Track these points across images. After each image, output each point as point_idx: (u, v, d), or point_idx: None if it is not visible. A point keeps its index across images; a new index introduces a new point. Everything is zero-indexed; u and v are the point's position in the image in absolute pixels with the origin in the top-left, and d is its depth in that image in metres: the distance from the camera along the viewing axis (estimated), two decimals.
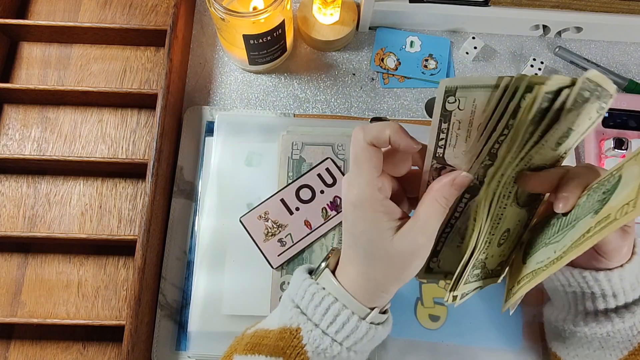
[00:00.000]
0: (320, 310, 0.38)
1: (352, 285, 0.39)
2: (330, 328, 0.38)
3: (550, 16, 0.61)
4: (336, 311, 0.38)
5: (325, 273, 0.40)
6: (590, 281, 0.42)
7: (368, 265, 0.38)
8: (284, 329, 0.39)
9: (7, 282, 0.56)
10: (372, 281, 0.38)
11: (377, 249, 0.37)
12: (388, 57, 0.64)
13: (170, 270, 0.55)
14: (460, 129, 0.37)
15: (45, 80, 0.63)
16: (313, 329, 0.38)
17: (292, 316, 0.39)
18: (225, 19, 0.53)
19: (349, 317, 0.38)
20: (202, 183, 0.57)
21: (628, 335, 0.42)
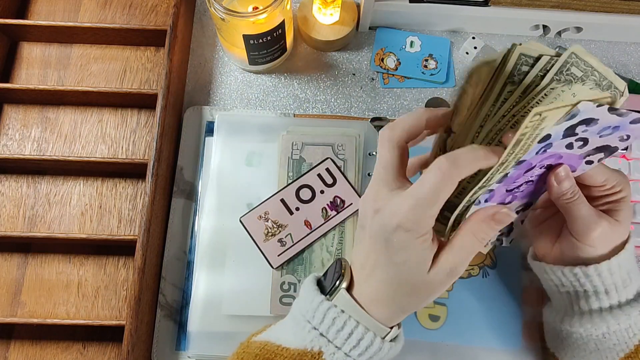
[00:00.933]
0: (343, 335, 0.37)
1: (371, 304, 0.38)
2: (354, 351, 0.37)
3: (550, 16, 0.61)
4: (359, 335, 0.37)
5: (343, 294, 0.39)
6: (581, 277, 0.42)
7: (398, 292, 0.38)
8: (305, 352, 0.38)
9: (7, 282, 0.56)
10: (397, 305, 0.38)
11: (415, 278, 0.37)
12: (388, 57, 0.64)
13: (170, 270, 0.55)
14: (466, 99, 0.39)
15: (45, 80, 0.63)
16: (335, 351, 0.37)
17: (313, 339, 0.38)
18: (225, 19, 0.53)
19: (372, 340, 0.37)
20: (202, 183, 0.57)
21: (624, 337, 0.42)
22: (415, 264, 0.36)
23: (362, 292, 0.39)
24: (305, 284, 0.41)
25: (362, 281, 0.39)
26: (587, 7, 0.60)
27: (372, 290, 0.38)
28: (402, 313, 0.39)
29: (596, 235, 0.41)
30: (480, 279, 0.54)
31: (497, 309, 0.53)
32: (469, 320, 0.53)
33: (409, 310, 0.39)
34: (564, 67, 0.37)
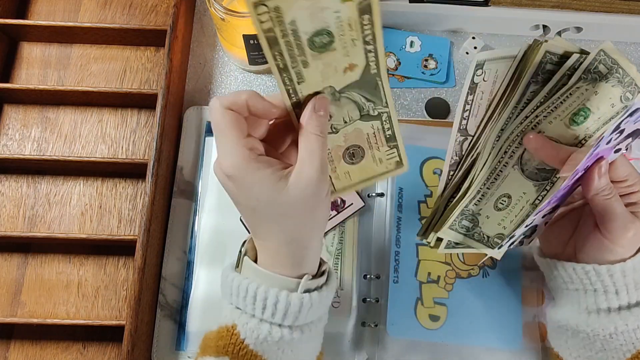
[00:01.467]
0: (249, 299, 0.37)
1: (274, 261, 0.37)
2: (265, 313, 0.37)
3: (550, 16, 0.61)
4: (263, 294, 0.36)
5: (245, 261, 0.39)
6: (592, 276, 0.42)
7: (279, 227, 0.36)
8: (221, 328, 0.38)
9: (7, 282, 0.56)
10: (291, 243, 0.37)
11: (278, 205, 0.35)
12: (388, 57, 0.64)
13: (170, 270, 0.55)
14: (482, 99, 0.38)
15: (45, 80, 0.63)
16: (248, 320, 0.37)
17: (227, 314, 0.38)
18: (225, 19, 0.53)
19: (277, 295, 0.36)
20: (202, 183, 0.57)
21: (631, 338, 0.41)
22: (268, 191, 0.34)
23: (261, 252, 0.38)
24: (222, 270, 0.41)
25: (256, 244, 0.38)
26: (587, 7, 0.60)
27: (264, 246, 0.38)
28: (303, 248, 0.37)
29: (630, 235, 0.40)
30: (480, 279, 0.54)
31: (497, 309, 0.53)
32: (469, 320, 0.53)
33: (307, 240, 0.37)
34: (591, 65, 0.36)
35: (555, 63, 0.37)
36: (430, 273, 0.54)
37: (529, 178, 0.43)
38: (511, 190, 0.44)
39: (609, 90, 0.37)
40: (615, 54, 0.36)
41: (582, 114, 0.39)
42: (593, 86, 0.37)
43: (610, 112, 0.39)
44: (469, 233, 0.46)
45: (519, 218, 0.46)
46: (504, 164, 0.42)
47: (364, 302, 0.53)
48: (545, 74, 0.37)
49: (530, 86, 0.38)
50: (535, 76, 0.37)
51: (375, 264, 0.54)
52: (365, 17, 0.33)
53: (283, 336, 0.37)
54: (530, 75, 0.37)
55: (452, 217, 0.44)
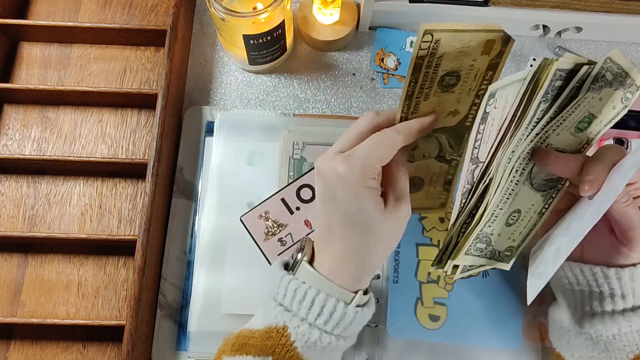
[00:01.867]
0: (305, 304, 0.38)
1: (333, 270, 0.39)
2: (318, 320, 0.38)
3: (550, 16, 0.61)
4: (321, 302, 0.37)
5: (303, 265, 0.40)
6: (600, 278, 0.42)
7: (362, 242, 0.38)
8: (270, 329, 0.38)
9: (7, 282, 0.56)
10: (361, 259, 0.39)
11: (373, 224, 0.38)
12: (388, 57, 0.64)
13: (170, 270, 0.55)
14: (493, 126, 0.39)
15: (45, 80, 0.63)
16: (300, 324, 0.38)
17: (277, 315, 0.38)
18: (225, 19, 0.53)
19: (335, 305, 0.38)
20: (202, 183, 0.57)
21: (635, 339, 0.41)
22: (372, 208, 0.38)
23: (324, 260, 0.39)
24: (272, 266, 0.42)
25: (322, 250, 0.40)
26: (587, 7, 0.60)
27: (333, 255, 0.39)
28: (368, 268, 0.39)
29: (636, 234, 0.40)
30: (480, 279, 0.54)
31: (497, 309, 0.53)
32: (469, 320, 0.53)
33: (372, 265, 0.40)
34: (599, 74, 0.36)
35: (564, 78, 0.37)
36: (430, 273, 0.54)
37: (537, 190, 0.43)
38: (521, 205, 0.44)
39: (612, 94, 0.37)
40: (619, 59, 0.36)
41: (587, 120, 0.39)
42: (599, 93, 0.37)
43: (611, 114, 0.39)
44: (482, 253, 0.47)
45: (527, 229, 0.46)
46: (516, 182, 0.42)
47: None
48: (554, 91, 0.37)
49: (540, 105, 0.38)
50: (545, 95, 0.37)
51: None
52: (489, 74, 0.36)
53: (330, 343, 0.38)
54: (542, 95, 0.37)
55: (468, 243, 0.44)
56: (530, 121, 0.38)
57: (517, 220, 0.45)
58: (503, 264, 0.48)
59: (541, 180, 0.43)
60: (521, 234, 0.46)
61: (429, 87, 0.36)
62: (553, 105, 0.38)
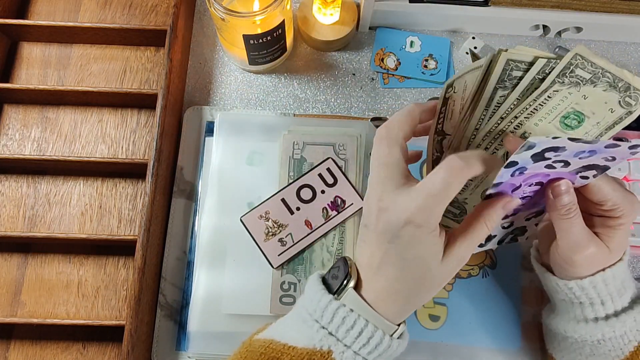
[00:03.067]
0: (353, 333, 0.37)
1: (379, 302, 0.38)
2: (363, 350, 0.38)
3: (550, 16, 0.61)
4: (369, 334, 0.37)
5: (351, 293, 0.39)
6: (576, 291, 0.42)
7: (412, 287, 0.38)
8: (314, 351, 0.38)
9: (7, 282, 0.56)
10: (406, 301, 0.39)
11: (427, 272, 0.37)
12: (388, 57, 0.64)
13: (170, 270, 0.55)
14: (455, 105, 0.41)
15: (45, 80, 0.63)
16: (345, 350, 0.38)
17: (322, 338, 0.38)
18: (225, 19, 0.53)
19: (381, 338, 0.38)
20: (202, 183, 0.57)
21: (619, 344, 0.41)
22: (427, 258, 0.37)
23: (370, 290, 0.39)
24: (310, 283, 0.41)
25: (369, 279, 0.39)
26: (587, 7, 0.60)
27: (381, 288, 0.39)
28: (410, 309, 0.40)
29: (578, 258, 0.40)
30: (480, 279, 0.54)
31: (497, 309, 0.53)
32: (469, 320, 0.53)
33: (417, 305, 0.40)
34: (567, 69, 0.37)
35: (524, 70, 0.38)
36: None
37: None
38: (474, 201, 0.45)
39: (601, 95, 0.37)
40: (593, 58, 0.36)
41: (575, 117, 0.39)
42: (578, 90, 0.37)
43: (612, 117, 0.39)
44: (456, 219, 0.47)
45: None
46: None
47: None
48: (512, 80, 0.39)
49: (498, 91, 0.39)
50: (501, 82, 0.39)
51: None
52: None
53: None
54: (495, 81, 0.39)
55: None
56: (490, 103, 0.40)
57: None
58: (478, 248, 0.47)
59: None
60: None
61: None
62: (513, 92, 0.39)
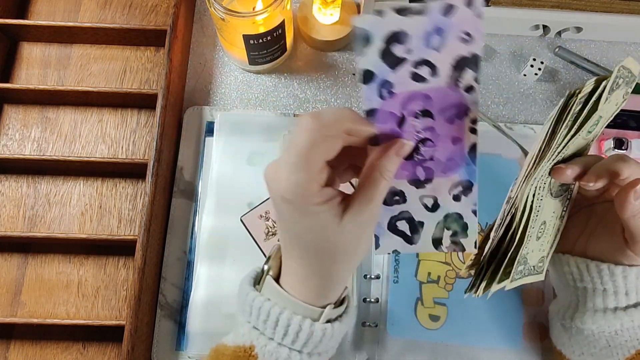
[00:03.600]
0: (270, 323, 0.36)
1: (300, 285, 0.36)
2: (285, 339, 0.36)
3: (550, 16, 0.61)
4: (286, 321, 0.35)
5: (268, 281, 0.37)
6: (605, 275, 0.42)
7: (318, 262, 0.35)
8: (238, 348, 0.37)
9: (7, 282, 0.56)
10: (319, 279, 0.36)
11: (326, 242, 0.34)
12: None
13: (170, 270, 0.55)
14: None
15: (45, 80, 0.63)
16: (267, 343, 0.36)
17: (245, 333, 0.37)
18: (225, 19, 0.53)
19: (300, 324, 0.35)
20: (202, 183, 0.57)
21: (637, 333, 0.41)
22: (321, 227, 0.33)
23: (287, 273, 0.37)
24: (240, 282, 0.39)
25: (285, 264, 0.37)
26: (587, 7, 0.60)
27: (294, 271, 0.36)
28: (331, 286, 0.37)
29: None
30: None
31: (497, 309, 0.53)
32: (469, 320, 0.53)
33: (338, 280, 0.37)
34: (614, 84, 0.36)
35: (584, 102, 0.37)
36: (430, 273, 0.54)
37: (555, 197, 0.43)
38: (545, 216, 0.43)
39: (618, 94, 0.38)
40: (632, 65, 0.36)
41: (597, 122, 0.39)
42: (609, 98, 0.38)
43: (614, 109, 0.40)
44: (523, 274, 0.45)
45: (552, 236, 0.46)
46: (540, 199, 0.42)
47: (364, 302, 0.53)
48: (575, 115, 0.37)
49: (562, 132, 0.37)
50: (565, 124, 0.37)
51: (375, 264, 0.54)
52: None
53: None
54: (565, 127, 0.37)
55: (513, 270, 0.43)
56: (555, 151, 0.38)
57: (544, 232, 0.44)
58: (538, 276, 0.46)
59: (558, 187, 0.43)
60: (548, 242, 0.46)
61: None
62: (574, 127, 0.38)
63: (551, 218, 0.44)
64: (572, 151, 0.41)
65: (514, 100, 0.63)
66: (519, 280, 0.44)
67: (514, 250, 0.41)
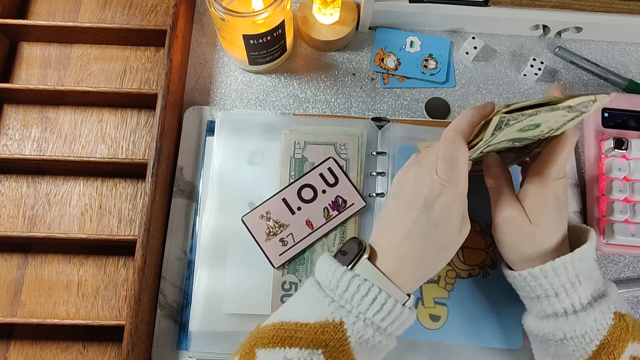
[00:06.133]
0: (367, 300, 0.39)
1: (395, 271, 0.41)
2: (377, 316, 0.39)
3: (550, 16, 0.61)
4: (382, 300, 0.39)
5: (365, 263, 0.41)
6: (530, 281, 0.43)
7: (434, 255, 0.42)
8: (327, 323, 0.39)
9: (7, 282, 0.56)
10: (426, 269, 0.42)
11: (450, 240, 0.42)
12: (388, 57, 0.64)
13: (170, 270, 0.55)
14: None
15: (45, 80, 0.63)
16: (356, 321, 0.39)
17: (333, 311, 0.39)
18: (225, 19, 0.53)
19: (394, 305, 0.39)
20: (202, 182, 0.57)
21: (581, 343, 0.41)
22: (453, 227, 0.41)
23: (387, 260, 0.42)
24: (323, 260, 0.43)
25: (388, 251, 0.42)
26: (587, 7, 0.60)
27: (402, 257, 0.41)
28: (425, 278, 0.43)
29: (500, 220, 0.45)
30: (480, 278, 0.54)
31: (498, 309, 0.53)
32: (470, 320, 0.52)
33: (432, 274, 0.44)
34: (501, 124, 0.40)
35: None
36: None
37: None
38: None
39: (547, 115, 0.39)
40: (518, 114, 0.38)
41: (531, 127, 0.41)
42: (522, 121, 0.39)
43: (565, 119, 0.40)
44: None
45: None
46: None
47: None
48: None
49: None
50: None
51: None
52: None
53: (380, 341, 0.40)
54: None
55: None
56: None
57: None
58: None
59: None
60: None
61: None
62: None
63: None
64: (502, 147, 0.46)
65: (514, 100, 0.63)
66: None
67: None
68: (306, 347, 0.38)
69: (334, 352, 0.38)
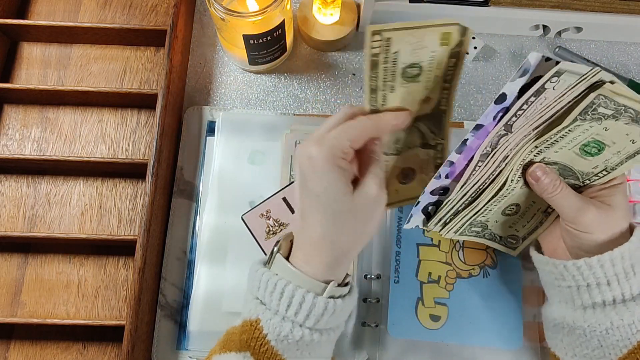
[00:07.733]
0: (276, 295, 0.38)
1: (306, 261, 0.39)
2: (289, 311, 0.38)
3: (550, 16, 0.61)
4: (290, 292, 0.38)
5: (277, 258, 0.40)
6: (585, 270, 0.42)
7: (332, 224, 0.38)
8: (245, 322, 0.39)
9: (7, 282, 0.56)
10: (331, 245, 0.38)
11: (342, 204, 0.38)
12: None
13: (170, 270, 0.55)
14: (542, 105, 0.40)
15: (45, 80, 0.63)
16: (272, 317, 0.38)
17: (251, 308, 0.39)
18: (225, 19, 0.53)
19: (304, 295, 0.37)
20: (203, 182, 0.57)
21: (627, 333, 0.41)
22: (340, 189, 0.37)
23: (298, 250, 0.40)
24: (250, 265, 0.42)
25: (299, 241, 0.40)
26: (587, 7, 0.60)
27: (307, 243, 0.39)
28: (342, 256, 0.39)
29: (588, 220, 0.42)
30: (480, 278, 0.54)
31: (498, 309, 0.53)
32: (470, 320, 0.52)
33: (349, 247, 0.40)
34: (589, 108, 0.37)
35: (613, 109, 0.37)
36: (431, 273, 0.54)
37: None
38: (520, 200, 0.46)
39: (623, 128, 0.38)
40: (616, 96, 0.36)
41: (595, 145, 0.40)
42: (599, 124, 0.38)
43: (633, 147, 0.40)
44: (480, 235, 0.49)
45: (532, 224, 0.48)
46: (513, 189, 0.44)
47: (365, 302, 0.53)
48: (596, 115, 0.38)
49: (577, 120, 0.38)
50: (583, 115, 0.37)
51: (375, 264, 0.54)
52: (452, 61, 0.38)
53: (303, 336, 0.38)
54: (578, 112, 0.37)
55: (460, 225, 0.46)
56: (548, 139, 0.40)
57: (516, 213, 0.47)
58: (509, 250, 0.49)
59: None
60: (525, 227, 0.48)
61: (392, 81, 0.38)
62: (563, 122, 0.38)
63: (530, 206, 0.46)
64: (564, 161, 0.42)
65: None
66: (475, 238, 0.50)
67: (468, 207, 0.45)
68: (238, 350, 0.38)
69: (258, 354, 0.37)
